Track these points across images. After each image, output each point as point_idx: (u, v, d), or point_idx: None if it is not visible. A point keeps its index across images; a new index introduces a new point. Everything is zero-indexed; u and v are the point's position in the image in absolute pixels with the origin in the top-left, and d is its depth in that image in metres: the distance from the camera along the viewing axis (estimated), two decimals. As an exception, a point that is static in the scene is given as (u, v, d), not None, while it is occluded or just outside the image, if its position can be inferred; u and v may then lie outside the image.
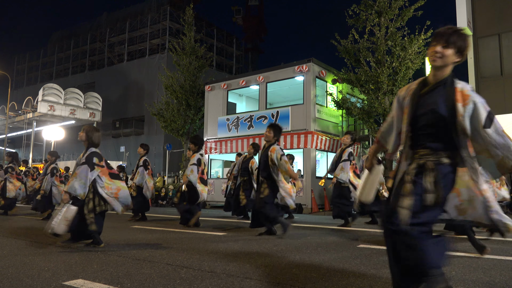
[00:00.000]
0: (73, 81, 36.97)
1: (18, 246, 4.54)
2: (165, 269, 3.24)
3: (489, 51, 15.33)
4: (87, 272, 3.13)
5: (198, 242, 4.95)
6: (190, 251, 4.17)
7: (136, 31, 35.27)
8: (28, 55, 44.82)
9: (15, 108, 28.91)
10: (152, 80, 31.10)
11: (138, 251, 4.20)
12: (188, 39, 18.74)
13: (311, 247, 4.48)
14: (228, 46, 39.57)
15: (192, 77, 18.50)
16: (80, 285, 2.74)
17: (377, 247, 4.46)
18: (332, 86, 15.00)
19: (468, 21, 14.95)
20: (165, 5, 35.00)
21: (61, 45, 41.50)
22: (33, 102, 26.40)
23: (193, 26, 19.91)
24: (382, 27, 12.84)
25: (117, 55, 36.77)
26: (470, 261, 3.68)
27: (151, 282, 2.80)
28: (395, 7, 12.73)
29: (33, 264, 3.46)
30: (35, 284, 2.75)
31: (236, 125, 15.69)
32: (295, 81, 14.90)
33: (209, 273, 3.09)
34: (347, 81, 13.90)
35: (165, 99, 18.83)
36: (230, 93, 16.87)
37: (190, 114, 18.33)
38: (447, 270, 3.23)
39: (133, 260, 3.67)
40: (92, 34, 38.84)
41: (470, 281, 2.87)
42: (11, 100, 28.03)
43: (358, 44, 13.12)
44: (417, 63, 12.62)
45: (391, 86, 12.46)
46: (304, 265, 3.41)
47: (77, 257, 3.83)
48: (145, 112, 29.43)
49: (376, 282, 2.83)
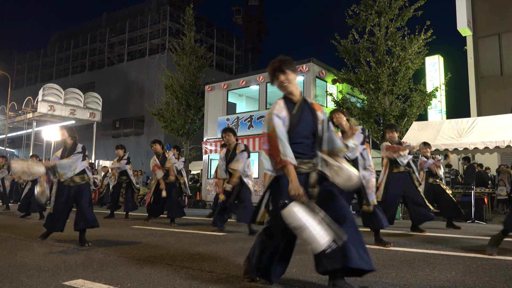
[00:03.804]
0: (73, 81, 36.93)
1: (18, 246, 4.54)
2: (165, 269, 3.24)
3: (489, 51, 15.33)
4: (87, 272, 3.13)
5: (198, 242, 4.95)
6: (190, 251, 4.17)
7: (136, 31, 35.25)
8: (28, 55, 44.78)
9: (15, 108, 28.87)
10: (152, 80, 31.09)
11: (138, 251, 4.20)
12: (188, 39, 18.73)
13: (311, 247, 4.47)
14: (228, 46, 39.56)
15: (192, 77, 18.49)
16: (80, 285, 2.74)
17: (377, 247, 4.46)
18: (332, 86, 14.99)
19: (468, 21, 14.94)
20: (165, 5, 34.98)
21: (61, 45, 41.48)
22: (33, 102, 26.37)
23: (193, 26, 19.88)
24: (382, 27, 12.83)
25: (117, 55, 36.76)
26: (470, 261, 3.67)
27: (151, 282, 2.80)
28: (395, 7, 12.72)
29: (33, 264, 3.46)
30: (35, 284, 2.75)
31: (236, 125, 15.69)
32: (295, 81, 14.88)
33: (209, 273, 3.09)
34: (347, 81, 13.89)
35: (165, 99, 18.81)
36: (230, 93, 16.87)
37: (190, 114, 18.32)
38: (448, 270, 3.23)
39: (133, 260, 3.67)
40: (92, 34, 38.82)
41: (470, 281, 2.87)
42: (11, 100, 27.99)
43: (358, 44, 13.10)
44: (417, 63, 12.60)
45: (391, 86, 12.45)
46: (304, 265, 3.41)
47: (77, 257, 3.83)
48: (145, 112, 29.42)
49: (376, 282, 2.83)
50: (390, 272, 3.11)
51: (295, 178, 2.40)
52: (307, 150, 2.57)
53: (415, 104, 12.48)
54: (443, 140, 9.93)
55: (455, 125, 10.46)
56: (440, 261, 3.62)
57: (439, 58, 16.79)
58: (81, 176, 4.88)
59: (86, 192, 4.89)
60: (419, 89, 12.73)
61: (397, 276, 3.01)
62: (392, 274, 3.08)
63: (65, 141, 4.98)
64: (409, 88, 12.70)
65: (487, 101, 15.05)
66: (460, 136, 9.96)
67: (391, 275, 3.02)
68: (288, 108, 2.55)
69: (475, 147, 9.49)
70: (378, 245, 4.57)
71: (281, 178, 2.49)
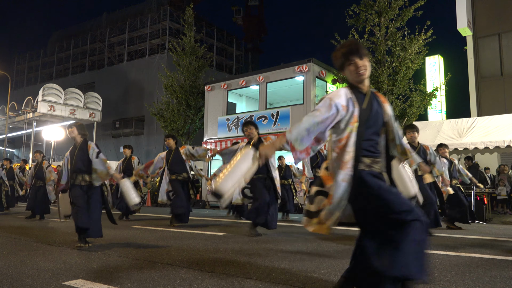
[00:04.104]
0: (73, 81, 36.95)
1: (18, 246, 4.54)
2: (165, 269, 3.24)
3: (489, 51, 15.32)
4: (87, 272, 3.13)
5: (198, 242, 4.95)
6: (190, 251, 4.16)
7: (136, 31, 35.25)
8: (28, 55, 44.79)
9: (15, 108, 28.87)
10: (152, 80, 31.09)
11: (138, 251, 4.20)
12: (188, 39, 18.73)
13: (311, 247, 4.48)
14: (228, 46, 39.56)
15: (192, 77, 18.49)
16: (80, 285, 2.74)
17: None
18: (332, 86, 15.00)
19: (468, 21, 14.94)
20: (165, 5, 34.98)
21: (61, 45, 41.48)
22: (33, 102, 26.37)
23: (193, 26, 19.89)
24: (382, 27, 12.83)
25: (117, 55, 36.76)
26: (470, 261, 3.67)
27: (151, 282, 2.80)
28: (395, 7, 12.72)
29: (33, 264, 3.46)
30: (35, 284, 2.75)
31: (236, 125, 15.68)
32: (295, 81, 14.90)
33: (209, 273, 3.09)
34: (347, 81, 13.89)
35: (165, 99, 18.81)
36: (230, 93, 16.87)
37: (190, 114, 18.32)
38: (447, 270, 3.23)
39: (133, 260, 3.67)
40: (92, 34, 38.82)
41: (470, 281, 2.87)
42: (11, 100, 27.98)
43: (358, 44, 13.11)
44: (417, 63, 12.61)
45: (391, 86, 12.45)
46: (304, 265, 3.41)
47: (77, 257, 3.83)
48: (145, 112, 29.42)
49: (376, 282, 2.83)
50: (390, 272, 3.11)
51: (272, 144, 2.20)
52: (378, 148, 2.30)
53: (415, 104, 12.49)
54: (443, 140, 9.94)
55: (455, 125, 10.46)
56: (440, 261, 3.62)
57: (439, 58, 16.79)
58: (92, 175, 4.63)
59: (96, 192, 4.65)
60: (419, 89, 12.73)
61: None
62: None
63: (75, 139, 4.73)
64: (409, 88, 12.71)
65: (487, 101, 15.05)
66: (460, 136, 9.97)
67: (391, 275, 3.01)
68: (358, 100, 2.26)
69: (475, 147, 9.49)
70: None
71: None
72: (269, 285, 2.72)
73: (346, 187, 2.15)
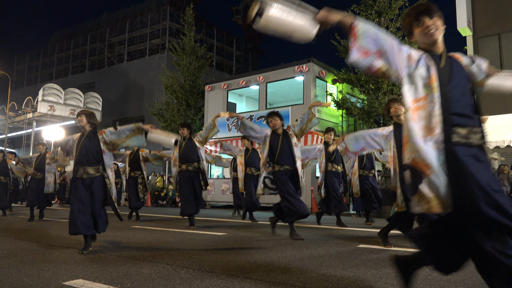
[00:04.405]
0: (73, 81, 36.95)
1: (18, 246, 4.54)
2: (165, 269, 3.24)
3: (489, 51, 15.33)
4: (87, 272, 3.13)
5: (198, 242, 4.95)
6: (190, 251, 4.16)
7: (136, 31, 35.25)
8: (28, 55, 44.79)
9: (15, 108, 28.89)
10: (152, 80, 31.09)
11: (138, 251, 4.20)
12: (188, 39, 18.74)
13: (311, 247, 4.47)
14: (228, 46, 39.56)
15: (192, 77, 18.50)
16: (80, 285, 2.74)
17: (377, 247, 4.45)
18: (332, 86, 14.99)
19: (468, 21, 14.95)
20: (165, 5, 34.98)
21: (61, 45, 41.48)
22: (33, 102, 26.39)
23: (193, 26, 19.90)
24: (382, 27, 12.84)
25: (117, 55, 36.76)
26: (469, 261, 3.67)
27: (151, 282, 2.80)
28: (395, 7, 12.73)
29: (33, 264, 3.46)
30: (35, 284, 2.75)
31: (236, 125, 15.68)
32: (295, 81, 14.89)
33: (209, 273, 3.09)
34: (347, 81, 13.89)
35: (165, 99, 18.82)
36: (230, 93, 16.86)
37: (190, 114, 18.32)
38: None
39: (133, 260, 3.67)
40: (92, 34, 38.82)
41: (470, 281, 2.87)
42: (11, 100, 27.99)
43: (358, 44, 13.12)
44: (417, 63, 12.62)
45: (391, 86, 12.46)
46: (304, 265, 3.41)
47: (77, 257, 3.83)
48: (145, 112, 29.41)
49: (376, 282, 2.83)
50: (390, 272, 3.11)
51: (336, 12, 1.97)
52: (471, 112, 1.90)
53: (415, 104, 12.48)
54: (443, 140, 9.94)
55: (455, 125, 10.44)
56: (440, 261, 3.62)
57: (439, 58, 16.78)
58: (95, 167, 4.36)
59: (99, 187, 4.35)
60: (419, 89, 12.72)
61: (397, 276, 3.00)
62: (392, 274, 3.08)
63: (84, 127, 4.52)
64: (409, 88, 12.70)
65: (487, 101, 15.04)
66: (460, 136, 9.95)
67: (391, 275, 3.01)
68: (434, 60, 1.96)
69: (475, 147, 9.48)
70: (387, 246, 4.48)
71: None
72: (269, 285, 2.72)
73: (437, 155, 1.80)
